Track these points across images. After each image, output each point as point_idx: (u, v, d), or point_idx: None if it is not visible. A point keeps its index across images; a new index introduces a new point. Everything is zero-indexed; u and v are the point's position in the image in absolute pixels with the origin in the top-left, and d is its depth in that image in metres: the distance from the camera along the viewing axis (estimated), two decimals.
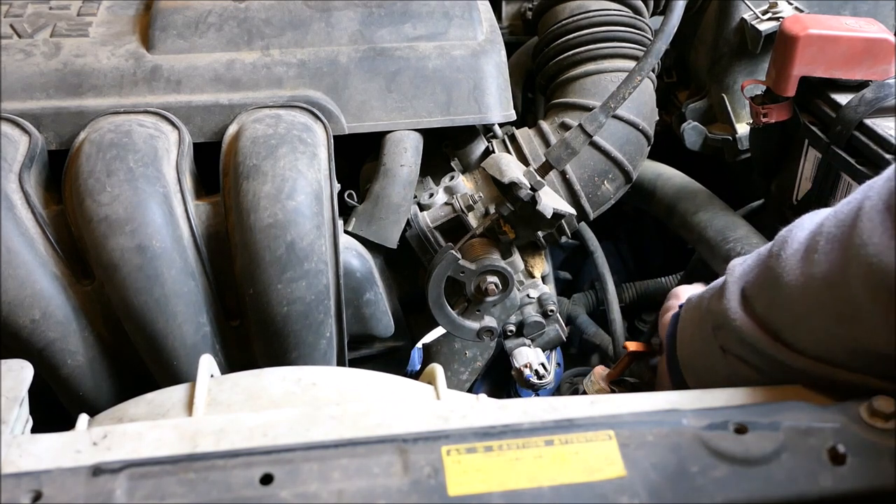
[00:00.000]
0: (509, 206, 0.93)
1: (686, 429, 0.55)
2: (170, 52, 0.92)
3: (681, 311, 0.80)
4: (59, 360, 0.83)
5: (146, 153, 0.82)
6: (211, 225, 0.87)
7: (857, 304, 0.54)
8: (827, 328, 0.58)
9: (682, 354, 0.78)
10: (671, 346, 0.80)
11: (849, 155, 0.92)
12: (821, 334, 0.59)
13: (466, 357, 1.11)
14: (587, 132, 0.92)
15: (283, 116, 0.89)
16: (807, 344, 0.61)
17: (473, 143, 1.07)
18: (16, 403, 0.58)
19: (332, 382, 0.68)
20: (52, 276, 0.82)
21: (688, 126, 1.30)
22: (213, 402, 0.65)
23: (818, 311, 0.58)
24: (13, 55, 0.89)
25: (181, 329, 0.83)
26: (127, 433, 0.55)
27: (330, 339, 0.90)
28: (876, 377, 0.58)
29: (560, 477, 0.52)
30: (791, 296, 0.60)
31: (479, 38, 1.00)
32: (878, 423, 0.55)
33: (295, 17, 0.96)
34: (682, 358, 0.77)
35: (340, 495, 0.50)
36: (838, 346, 0.59)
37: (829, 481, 0.52)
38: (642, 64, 0.90)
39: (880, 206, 0.53)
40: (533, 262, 1.07)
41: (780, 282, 0.60)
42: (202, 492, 0.50)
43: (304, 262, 0.83)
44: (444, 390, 0.68)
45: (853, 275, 0.54)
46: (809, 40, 0.95)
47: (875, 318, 0.54)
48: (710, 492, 0.51)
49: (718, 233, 1.11)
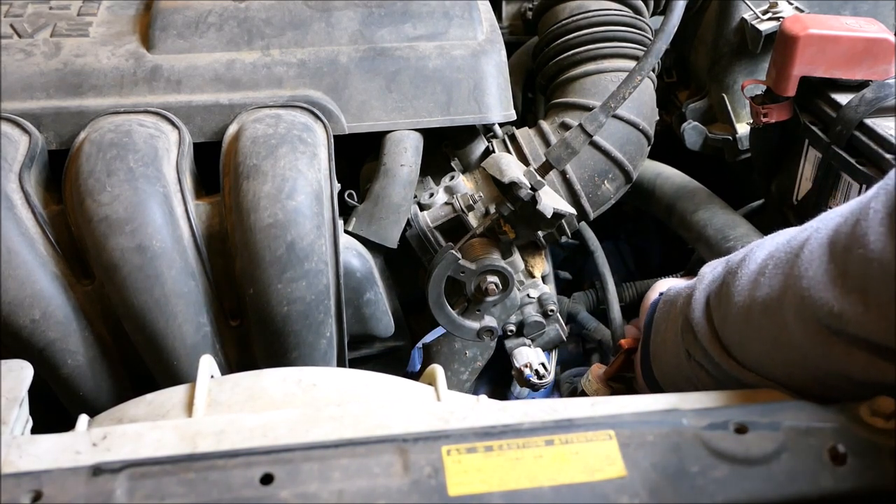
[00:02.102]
0: (509, 206, 0.93)
1: (686, 429, 0.55)
2: (170, 51, 0.92)
3: (658, 302, 0.80)
4: (59, 360, 0.83)
5: (146, 153, 0.82)
6: (211, 225, 0.87)
7: (790, 332, 0.56)
8: (766, 351, 0.60)
9: (654, 345, 0.79)
10: (646, 334, 0.80)
11: (849, 155, 0.92)
12: (762, 356, 0.61)
13: (466, 357, 1.11)
14: (587, 132, 0.92)
15: (283, 116, 0.89)
16: (752, 362, 0.62)
17: (473, 143, 1.07)
18: (16, 404, 0.58)
19: (333, 383, 0.68)
20: (52, 276, 0.82)
21: (688, 126, 1.29)
22: (213, 402, 0.65)
23: (758, 334, 0.60)
24: (13, 55, 0.89)
25: (181, 329, 0.83)
26: (127, 434, 0.55)
27: (330, 339, 0.90)
28: (815, 399, 0.58)
29: (560, 477, 0.52)
30: (738, 315, 0.62)
31: (479, 38, 1.00)
32: (878, 423, 0.55)
33: (295, 17, 0.96)
34: (654, 348, 0.79)
35: (340, 495, 0.50)
36: (778, 369, 0.60)
37: (830, 481, 0.52)
38: (642, 64, 0.90)
39: (823, 241, 0.54)
40: (533, 262, 1.07)
41: (732, 301, 0.62)
42: (202, 492, 0.50)
43: (304, 262, 0.83)
44: (445, 391, 0.68)
45: (787, 304, 0.55)
46: (810, 40, 0.95)
47: (806, 347, 0.55)
48: (710, 492, 0.51)
49: (718, 231, 1.11)
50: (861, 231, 0.50)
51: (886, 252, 0.48)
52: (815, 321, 0.53)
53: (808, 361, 0.57)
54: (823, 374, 0.56)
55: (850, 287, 0.50)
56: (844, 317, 0.51)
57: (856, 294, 0.50)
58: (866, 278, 0.49)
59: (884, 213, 0.49)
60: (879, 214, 0.49)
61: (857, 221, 0.51)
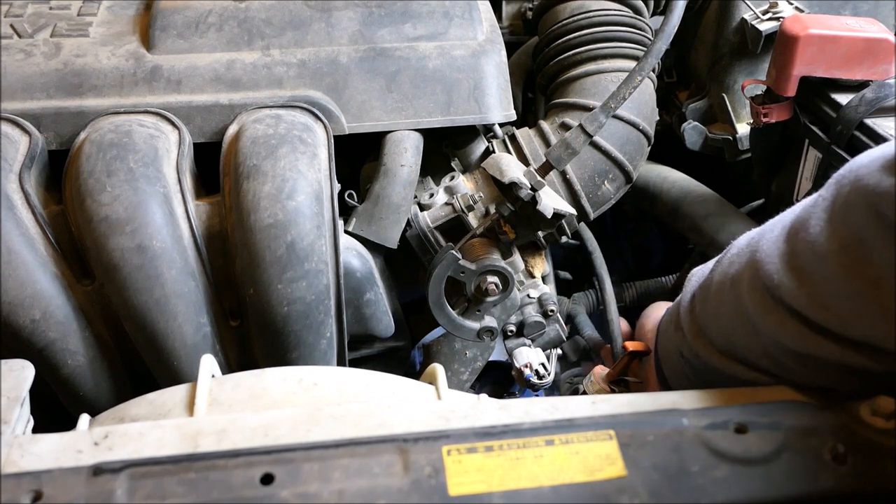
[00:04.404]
0: (509, 206, 0.93)
1: (686, 429, 0.56)
2: (170, 52, 0.92)
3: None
4: (59, 360, 0.83)
5: (146, 153, 0.82)
6: (211, 225, 0.87)
7: (744, 302, 0.60)
8: (730, 325, 0.63)
9: (660, 350, 0.80)
10: (656, 343, 0.82)
11: (849, 155, 0.92)
12: (728, 332, 0.64)
13: (466, 357, 1.11)
14: (587, 132, 0.92)
15: (283, 116, 0.89)
16: (722, 342, 0.65)
17: (474, 143, 1.07)
18: (17, 403, 0.58)
19: (334, 383, 0.68)
20: (52, 276, 0.82)
21: (688, 126, 1.30)
22: (214, 402, 0.64)
23: (723, 309, 0.64)
24: (13, 55, 0.89)
25: (181, 329, 0.83)
26: (128, 433, 0.55)
27: (330, 339, 0.90)
28: (770, 376, 0.62)
29: (560, 477, 0.52)
30: (713, 296, 0.66)
31: (479, 38, 1.00)
32: (878, 422, 0.55)
33: (295, 17, 0.96)
34: (661, 353, 0.80)
35: (341, 495, 0.50)
36: (740, 343, 0.64)
37: (830, 481, 0.52)
38: (643, 64, 0.90)
39: (786, 224, 0.59)
40: (533, 262, 1.07)
41: (711, 285, 0.67)
42: (203, 492, 0.50)
43: (304, 262, 0.83)
44: (445, 390, 0.68)
45: (745, 277, 0.61)
46: (810, 40, 0.95)
47: (755, 317, 0.59)
48: (710, 492, 0.51)
49: (731, 236, 1.11)
50: (807, 216, 0.55)
51: (822, 237, 0.53)
52: (761, 290, 0.58)
53: (757, 331, 0.60)
54: (770, 345, 0.59)
55: (792, 265, 0.56)
56: (782, 288, 0.56)
57: (794, 271, 0.55)
58: (804, 258, 0.55)
59: (829, 202, 0.54)
60: (826, 202, 0.54)
61: (809, 208, 0.56)
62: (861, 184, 0.51)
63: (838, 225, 0.52)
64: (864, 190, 0.50)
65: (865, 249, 0.50)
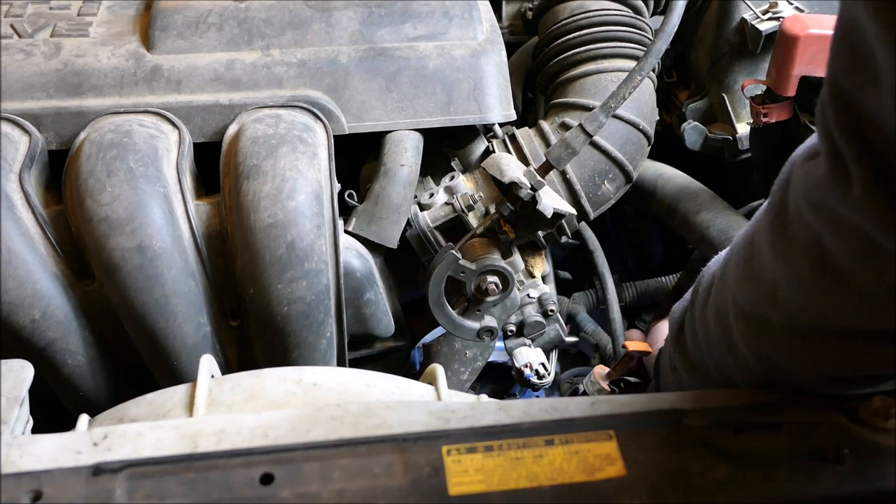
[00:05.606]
0: (509, 206, 0.93)
1: (686, 429, 0.55)
2: (170, 52, 0.92)
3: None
4: (59, 360, 0.83)
5: (146, 153, 0.82)
6: (211, 225, 0.87)
7: (732, 333, 0.61)
8: (721, 356, 0.64)
9: (662, 387, 0.82)
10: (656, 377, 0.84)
11: None
12: (721, 364, 0.65)
13: (466, 357, 1.11)
14: (587, 132, 0.92)
15: (283, 116, 0.89)
16: (715, 373, 0.66)
17: (474, 143, 1.07)
18: (16, 404, 0.58)
19: (333, 383, 0.68)
20: (52, 276, 0.82)
21: (688, 126, 1.29)
22: (213, 402, 0.64)
23: (713, 339, 0.65)
24: (13, 55, 0.89)
25: (181, 329, 0.83)
26: (127, 433, 0.55)
27: (330, 339, 0.90)
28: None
29: (560, 477, 0.52)
30: (696, 328, 0.68)
31: (479, 38, 1.00)
32: (878, 422, 0.55)
33: (295, 17, 0.96)
34: (661, 366, 0.81)
35: (341, 495, 0.50)
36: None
37: (830, 481, 0.52)
38: (642, 64, 0.90)
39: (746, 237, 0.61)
40: (533, 262, 1.07)
41: (694, 318, 0.68)
42: (202, 492, 0.50)
43: (304, 262, 0.83)
44: (445, 390, 0.68)
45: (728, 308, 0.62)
46: (810, 40, 0.95)
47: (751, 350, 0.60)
48: (710, 492, 0.51)
49: (721, 232, 1.11)
50: (754, 233, 0.59)
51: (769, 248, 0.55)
52: (744, 317, 0.59)
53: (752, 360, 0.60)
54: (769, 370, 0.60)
55: (738, 255, 0.60)
56: (760, 307, 0.58)
57: (743, 263, 0.58)
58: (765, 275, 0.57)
59: (768, 205, 0.58)
60: (765, 204, 0.59)
61: (756, 224, 0.60)
62: (796, 185, 0.53)
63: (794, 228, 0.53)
64: (799, 187, 0.52)
65: (822, 247, 0.50)
